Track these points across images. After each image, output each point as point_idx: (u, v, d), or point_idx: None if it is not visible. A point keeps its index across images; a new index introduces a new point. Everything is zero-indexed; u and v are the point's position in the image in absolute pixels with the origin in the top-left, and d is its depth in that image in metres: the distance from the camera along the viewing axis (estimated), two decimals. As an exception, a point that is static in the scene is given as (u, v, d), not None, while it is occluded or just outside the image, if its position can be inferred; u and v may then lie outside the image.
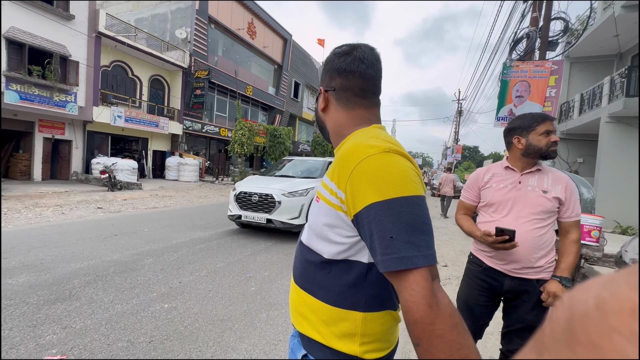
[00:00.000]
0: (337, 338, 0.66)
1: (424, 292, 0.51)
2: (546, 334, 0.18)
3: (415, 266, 0.53)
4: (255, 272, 3.60)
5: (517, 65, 5.14)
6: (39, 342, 2.04)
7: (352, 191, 0.60)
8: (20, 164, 11.71)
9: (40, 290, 2.79)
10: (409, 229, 0.54)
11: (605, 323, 0.15)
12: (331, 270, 0.68)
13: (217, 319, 2.51)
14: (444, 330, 0.49)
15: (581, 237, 2.64)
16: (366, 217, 0.57)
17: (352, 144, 0.66)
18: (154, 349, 2.05)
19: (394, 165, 0.58)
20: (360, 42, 0.80)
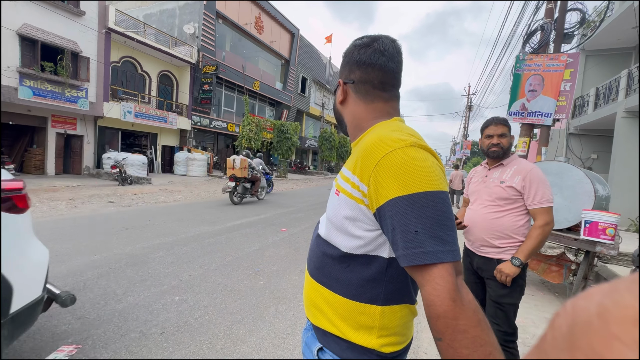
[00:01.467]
0: (354, 331, 0.66)
1: (448, 287, 0.51)
2: (548, 341, 0.19)
3: (441, 261, 0.52)
4: (264, 267, 3.63)
5: (530, 59, 5.01)
6: (54, 332, 2.10)
7: (375, 184, 0.59)
8: (35, 159, 11.99)
9: (55, 282, 2.85)
10: (434, 223, 0.54)
11: (607, 331, 0.15)
12: (350, 264, 0.68)
13: (226, 312, 2.54)
14: (467, 325, 0.49)
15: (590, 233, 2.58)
16: (389, 210, 0.57)
17: (375, 136, 0.64)
18: (165, 340, 2.09)
19: (419, 160, 0.58)
20: (382, 34, 0.78)
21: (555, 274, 3.43)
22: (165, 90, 16.62)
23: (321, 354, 0.72)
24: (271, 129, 18.67)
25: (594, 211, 2.72)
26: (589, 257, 2.92)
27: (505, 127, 1.70)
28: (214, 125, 18.11)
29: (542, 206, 1.54)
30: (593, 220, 2.68)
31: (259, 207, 7.93)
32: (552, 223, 1.53)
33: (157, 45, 14.49)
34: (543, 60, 4.92)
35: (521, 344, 2.36)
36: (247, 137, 15.86)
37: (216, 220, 6.02)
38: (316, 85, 29.01)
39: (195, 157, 15.72)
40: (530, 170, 1.58)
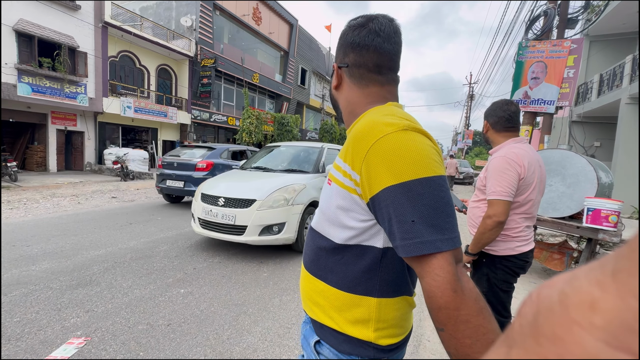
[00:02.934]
0: (350, 324, 0.65)
1: (448, 277, 0.49)
2: (515, 329, 0.19)
3: (439, 250, 0.51)
4: (267, 259, 3.67)
5: (533, 45, 4.92)
6: (64, 325, 2.14)
7: (367, 173, 0.57)
8: (36, 156, 12.03)
9: (62, 276, 2.90)
10: (431, 211, 0.52)
11: (567, 316, 0.16)
12: (344, 256, 0.66)
13: (231, 303, 2.57)
14: (469, 315, 0.48)
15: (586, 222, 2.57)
16: (384, 200, 0.55)
17: (366, 122, 0.62)
18: (172, 332, 2.13)
19: (412, 144, 0.55)
20: (379, 13, 0.73)
21: (557, 261, 3.45)
22: (164, 84, 16.52)
23: (318, 347, 0.71)
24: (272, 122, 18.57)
25: (596, 199, 2.71)
26: (591, 244, 2.92)
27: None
28: (214, 119, 18.04)
29: (489, 197, 1.49)
30: (596, 207, 2.68)
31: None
32: (494, 217, 1.44)
33: (154, 39, 14.34)
34: (546, 46, 4.84)
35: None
36: (248, 130, 15.81)
37: (219, 213, 6.05)
38: (316, 77, 28.72)
39: (196, 151, 15.70)
40: (494, 160, 1.52)
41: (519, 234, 1.55)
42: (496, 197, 1.45)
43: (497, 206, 1.44)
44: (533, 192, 1.52)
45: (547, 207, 3.16)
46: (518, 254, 1.55)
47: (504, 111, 1.58)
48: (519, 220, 1.54)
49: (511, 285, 1.63)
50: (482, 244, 1.52)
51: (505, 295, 1.63)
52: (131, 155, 11.71)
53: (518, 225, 1.54)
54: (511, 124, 1.59)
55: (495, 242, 1.56)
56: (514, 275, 1.60)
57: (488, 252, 1.60)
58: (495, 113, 1.61)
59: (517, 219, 1.54)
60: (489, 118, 1.63)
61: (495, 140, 1.64)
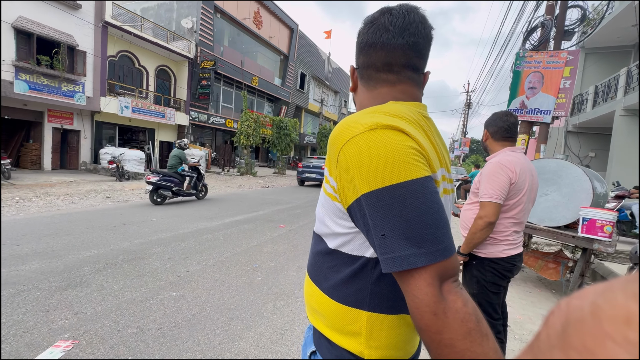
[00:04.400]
0: (342, 335, 0.61)
1: (426, 299, 0.44)
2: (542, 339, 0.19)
3: (414, 266, 0.45)
4: (262, 263, 3.63)
5: (530, 56, 4.99)
6: (51, 327, 2.09)
7: (340, 180, 0.53)
8: (31, 154, 11.90)
9: (51, 277, 2.84)
10: (403, 223, 0.46)
11: (599, 329, 0.15)
12: (336, 264, 0.63)
13: (224, 307, 2.53)
14: (453, 339, 0.43)
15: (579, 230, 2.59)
16: (358, 210, 0.51)
17: (341, 123, 0.56)
18: (163, 336, 2.08)
19: (379, 146, 0.49)
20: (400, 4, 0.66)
21: (553, 270, 3.45)
22: (163, 85, 16.49)
23: (313, 357, 0.68)
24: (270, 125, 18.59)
25: (592, 209, 2.73)
26: (586, 254, 2.93)
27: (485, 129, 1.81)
28: (212, 121, 18.02)
29: (480, 200, 1.57)
30: (591, 217, 2.69)
31: (257, 204, 7.92)
32: (485, 217, 1.51)
33: (154, 40, 14.35)
34: (543, 57, 4.91)
35: (518, 340, 2.37)
36: (246, 133, 15.80)
37: (214, 216, 6.00)
38: (315, 82, 28.87)
39: (194, 152, 15.65)
40: (488, 165, 1.61)
41: (506, 238, 1.62)
42: (487, 199, 1.54)
43: (488, 208, 1.53)
44: (523, 198, 1.59)
45: (542, 216, 3.16)
46: (506, 257, 1.62)
47: (503, 122, 1.68)
48: (507, 225, 1.61)
49: (500, 287, 1.69)
50: (474, 244, 1.59)
51: (495, 296, 1.69)
52: (127, 156, 11.62)
53: (506, 230, 1.61)
54: (509, 134, 1.68)
55: (483, 245, 1.63)
56: (503, 278, 1.66)
57: (477, 254, 1.67)
58: (495, 123, 1.70)
59: (506, 223, 1.61)
60: (489, 127, 1.73)
61: (493, 149, 1.73)
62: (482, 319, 0.46)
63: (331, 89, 31.68)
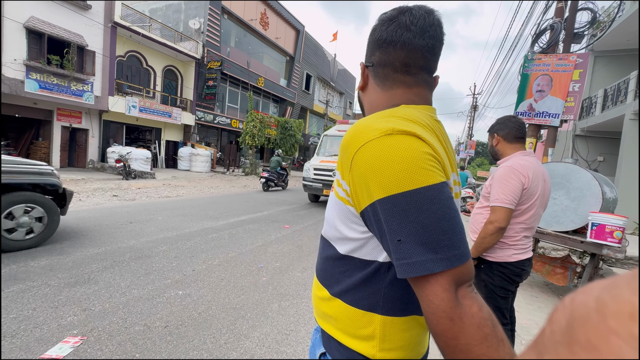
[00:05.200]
0: (354, 338, 0.61)
1: (442, 305, 0.44)
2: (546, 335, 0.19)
3: (430, 272, 0.45)
4: (267, 263, 3.64)
5: (539, 59, 4.95)
6: (60, 323, 2.12)
7: (353, 185, 0.53)
8: (40, 152, 12.09)
9: (60, 273, 2.88)
10: (420, 228, 0.46)
11: (604, 325, 0.15)
12: (348, 268, 0.62)
13: (229, 307, 2.55)
14: (469, 345, 0.43)
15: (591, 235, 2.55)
16: (373, 215, 0.51)
17: (354, 127, 0.56)
18: (169, 334, 2.10)
19: (395, 152, 0.48)
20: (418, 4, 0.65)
21: (560, 276, 3.41)
22: (169, 85, 16.65)
23: (323, 358, 0.68)
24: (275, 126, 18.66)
25: (601, 214, 2.69)
26: (595, 260, 2.89)
27: (489, 135, 1.80)
28: (217, 121, 18.13)
29: (492, 204, 1.55)
30: (600, 222, 2.65)
31: (262, 204, 7.95)
32: (496, 222, 1.49)
33: (162, 40, 14.50)
34: (552, 60, 4.86)
35: (525, 345, 2.35)
36: (251, 133, 15.87)
37: (219, 215, 6.04)
38: (320, 83, 28.91)
39: (199, 152, 15.76)
40: (499, 169, 1.60)
41: (516, 243, 1.60)
42: (499, 204, 1.52)
43: (499, 212, 1.51)
44: (535, 203, 1.56)
45: (550, 221, 3.13)
46: (515, 261, 1.60)
47: (513, 123, 1.68)
48: (517, 230, 1.59)
49: (509, 292, 1.67)
50: (483, 249, 1.57)
51: (503, 301, 1.67)
52: (134, 154, 11.75)
53: (516, 235, 1.60)
54: (521, 134, 1.67)
55: (493, 249, 1.62)
56: (511, 283, 1.64)
57: (486, 258, 1.65)
58: (506, 125, 1.69)
59: (517, 227, 1.59)
60: (500, 131, 1.71)
61: (504, 152, 1.70)
62: (498, 324, 0.46)
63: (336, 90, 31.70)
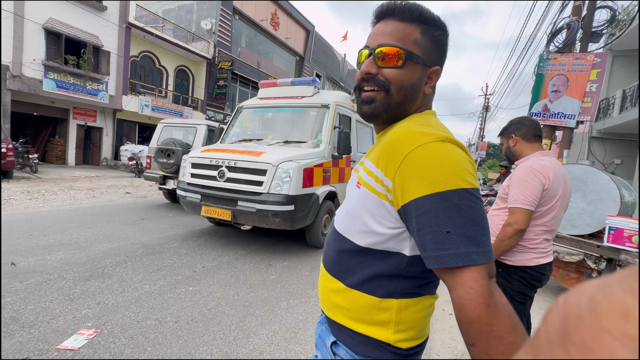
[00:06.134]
0: (369, 325, 0.64)
1: (481, 290, 0.48)
2: (541, 336, 0.19)
3: (475, 262, 0.49)
4: (275, 261, 3.66)
5: (555, 58, 4.83)
6: (75, 315, 2.18)
7: (401, 181, 0.56)
8: (56, 149, 12.44)
9: (75, 267, 2.96)
10: (467, 223, 0.51)
11: (597, 325, 0.15)
12: (367, 259, 0.65)
13: (239, 304, 2.57)
14: (503, 331, 0.46)
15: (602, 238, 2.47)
16: (417, 209, 0.54)
17: (402, 129, 0.61)
18: (180, 329, 2.13)
19: (449, 155, 0.54)
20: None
21: (575, 281, 3.32)
22: (181, 84, 16.90)
23: (334, 348, 0.70)
24: (284, 126, 18.74)
25: (619, 217, 2.61)
26: (612, 265, 2.81)
27: (502, 138, 1.76)
28: (227, 120, 18.30)
29: (510, 205, 1.50)
30: (618, 226, 2.58)
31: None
32: (515, 224, 1.45)
33: (175, 41, 14.73)
34: (568, 59, 4.74)
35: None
36: (260, 133, 15.98)
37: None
38: (330, 82, 28.88)
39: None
40: (516, 170, 1.56)
41: (536, 246, 1.54)
42: (518, 205, 1.47)
43: (518, 214, 1.46)
44: (556, 205, 1.51)
45: (565, 224, 3.06)
46: (535, 265, 1.54)
47: (529, 121, 1.64)
48: (538, 232, 1.53)
49: (527, 297, 1.61)
50: (501, 252, 1.52)
51: (521, 306, 1.62)
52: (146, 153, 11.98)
53: (536, 237, 1.54)
54: (539, 132, 1.63)
55: (511, 252, 1.56)
56: (530, 288, 1.59)
57: (504, 262, 1.59)
58: (523, 123, 1.65)
59: (537, 230, 1.53)
60: (517, 131, 1.66)
61: (523, 152, 1.64)
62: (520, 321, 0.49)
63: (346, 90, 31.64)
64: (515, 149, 1.67)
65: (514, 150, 1.68)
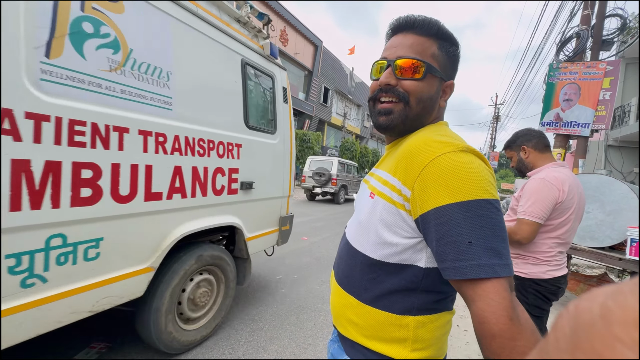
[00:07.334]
0: (385, 343, 0.62)
1: (504, 303, 0.46)
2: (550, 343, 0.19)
3: (498, 275, 0.48)
4: (285, 275, 3.63)
5: (565, 67, 4.78)
6: (87, 328, 2.19)
7: (421, 189, 0.55)
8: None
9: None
10: (490, 234, 0.50)
11: (609, 332, 0.15)
12: (381, 274, 0.63)
13: (247, 318, 2.55)
14: (526, 347, 0.43)
15: None
16: (437, 218, 0.52)
17: (421, 139, 0.61)
18: (189, 343, 2.12)
19: (471, 165, 0.54)
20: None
21: (597, 296, 3.17)
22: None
23: None
24: (293, 138, 18.99)
25: (641, 229, 2.51)
26: (636, 279, 2.68)
27: (510, 151, 1.74)
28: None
29: (519, 216, 1.47)
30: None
31: (280, 215, 8.00)
32: (518, 235, 1.43)
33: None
34: (579, 68, 4.68)
35: None
36: (270, 145, 16.21)
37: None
38: (338, 95, 29.24)
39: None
40: (529, 181, 1.53)
41: (551, 259, 1.50)
42: (526, 217, 1.44)
43: (525, 226, 1.44)
44: (570, 217, 1.47)
45: (584, 236, 2.95)
46: (549, 278, 1.50)
47: (536, 132, 1.63)
48: (551, 245, 1.49)
49: (543, 311, 1.56)
50: None
51: (538, 321, 1.56)
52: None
53: (551, 250, 1.49)
54: (548, 142, 1.62)
55: (525, 265, 1.53)
56: (546, 301, 1.54)
57: (518, 275, 1.55)
58: (532, 135, 1.63)
59: (550, 243, 1.49)
60: (528, 142, 1.63)
61: (536, 164, 1.62)
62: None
63: (354, 103, 31.91)
64: (528, 160, 1.64)
65: (527, 162, 1.64)
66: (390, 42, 0.70)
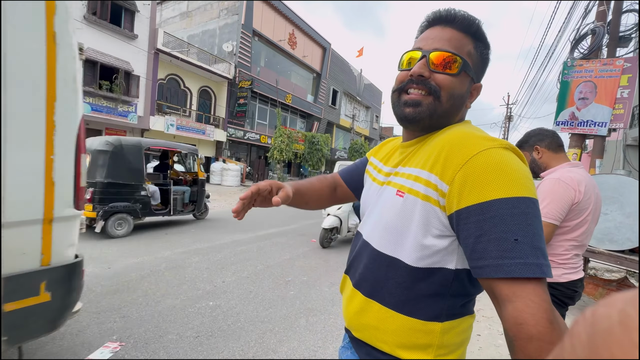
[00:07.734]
0: (407, 349, 0.60)
1: (544, 305, 0.44)
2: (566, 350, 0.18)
3: (544, 275, 0.46)
4: (294, 277, 3.63)
5: (580, 65, 4.65)
6: (102, 328, 2.24)
7: (462, 183, 0.52)
8: (89, 167, 13.12)
9: (103, 281, 3.07)
10: (535, 233, 0.48)
11: (629, 339, 0.14)
12: (408, 278, 0.59)
13: (257, 320, 2.55)
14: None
15: None
16: (479, 214, 0.50)
17: (460, 133, 0.58)
18: (200, 344, 2.14)
19: (515, 163, 0.52)
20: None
21: (617, 301, 3.06)
22: (204, 104, 17.68)
23: None
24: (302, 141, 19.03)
25: (664, 231, 2.41)
26: (659, 283, 2.57)
27: (522, 151, 1.70)
28: (247, 137, 18.83)
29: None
30: (663, 241, 2.37)
31: (289, 217, 8.02)
32: None
33: (198, 63, 15.55)
34: (595, 65, 4.55)
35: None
36: (279, 148, 16.28)
37: (248, 228, 6.17)
38: (347, 97, 29.22)
39: (230, 167, 16.37)
40: (543, 182, 1.47)
41: (566, 262, 1.44)
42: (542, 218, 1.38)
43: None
44: (587, 219, 1.41)
45: (602, 238, 2.85)
46: (565, 282, 1.44)
47: (548, 131, 1.60)
48: (567, 247, 1.44)
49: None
50: None
51: None
52: (171, 170, 12.56)
53: (566, 253, 1.44)
54: (561, 141, 1.58)
55: None
56: (562, 306, 1.48)
57: None
58: (544, 135, 1.59)
59: (566, 245, 1.44)
60: (540, 142, 1.59)
61: (550, 164, 1.57)
62: None
63: (363, 105, 31.83)
64: (541, 161, 1.59)
65: (540, 162, 1.59)
66: (426, 34, 0.66)
